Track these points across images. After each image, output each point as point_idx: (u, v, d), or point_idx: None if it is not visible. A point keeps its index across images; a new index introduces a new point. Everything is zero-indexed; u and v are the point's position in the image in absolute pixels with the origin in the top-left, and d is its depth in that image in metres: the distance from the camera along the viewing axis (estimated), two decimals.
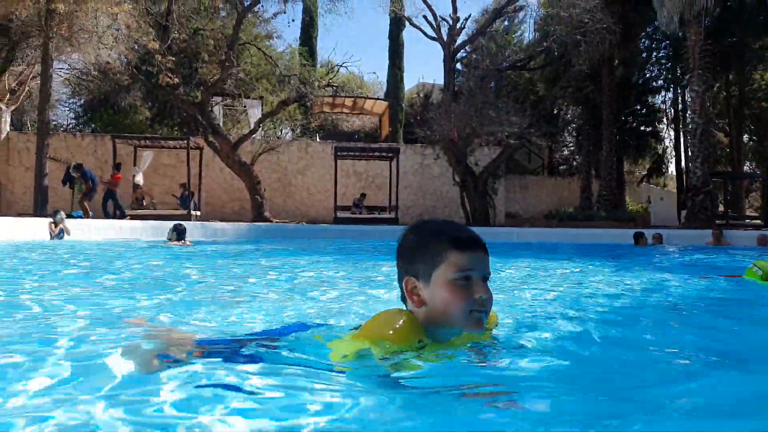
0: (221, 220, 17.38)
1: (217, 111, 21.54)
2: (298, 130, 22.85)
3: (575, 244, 12.65)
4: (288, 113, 21.62)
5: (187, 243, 9.24)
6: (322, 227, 16.29)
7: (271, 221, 17.53)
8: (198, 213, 17.32)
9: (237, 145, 18.15)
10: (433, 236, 1.60)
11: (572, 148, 32.96)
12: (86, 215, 14.45)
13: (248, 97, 20.26)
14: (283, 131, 22.87)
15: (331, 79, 21.17)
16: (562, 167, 33.13)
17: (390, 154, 20.19)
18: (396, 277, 1.69)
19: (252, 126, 19.46)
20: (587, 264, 6.68)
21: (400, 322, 1.51)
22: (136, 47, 16.73)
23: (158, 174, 20.79)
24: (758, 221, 20.59)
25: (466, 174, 19.12)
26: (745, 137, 30.12)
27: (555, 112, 28.79)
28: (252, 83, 19.12)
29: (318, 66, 25.71)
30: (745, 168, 30.11)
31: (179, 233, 9.32)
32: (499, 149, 20.13)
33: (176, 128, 24.81)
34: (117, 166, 16.68)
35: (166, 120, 24.57)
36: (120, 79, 17.64)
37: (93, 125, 25.76)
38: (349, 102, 27.00)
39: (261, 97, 20.50)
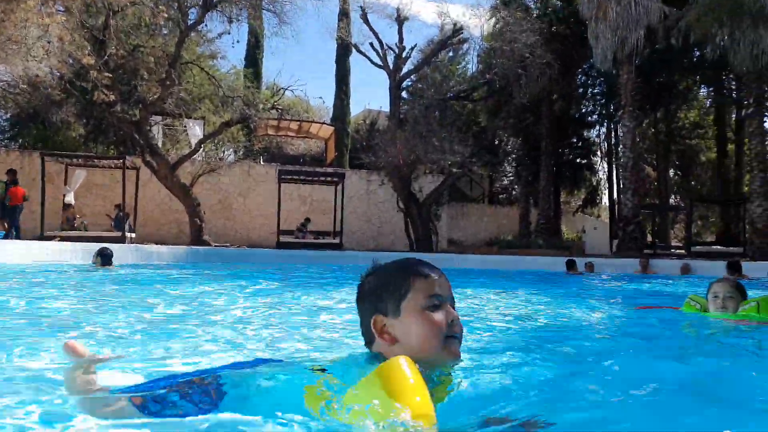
0: (158, 243, 16.72)
1: (157, 130, 20.88)
2: (241, 152, 22.46)
3: (515, 271, 12.90)
4: (231, 134, 21.22)
5: (113, 267, 8.75)
6: (264, 252, 15.93)
7: (210, 244, 17.01)
8: (133, 235, 16.59)
9: (176, 166, 17.61)
10: (395, 270, 1.58)
11: (512, 178, 33.94)
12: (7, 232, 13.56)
13: (189, 117, 19.77)
14: (226, 153, 22.41)
15: (276, 101, 20.95)
16: (501, 196, 34.01)
17: (335, 179, 20.11)
18: (358, 323, 1.60)
19: (193, 146, 18.96)
20: (526, 290, 6.78)
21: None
22: (70, 61, 16.04)
23: (91, 194, 19.87)
24: (682, 251, 21.70)
25: (411, 200, 19.29)
26: (671, 172, 31.95)
27: (496, 142, 29.63)
28: (194, 103, 18.68)
29: (263, 88, 25.49)
30: (671, 201, 31.86)
31: (104, 258, 8.76)
32: (442, 177, 20.46)
33: (112, 147, 23.86)
34: (13, 180, 14.59)
35: (101, 138, 23.62)
36: (51, 93, 16.83)
37: (21, 140, 24.44)
38: (294, 125, 26.84)
39: (203, 118, 20.04)
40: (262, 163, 24.17)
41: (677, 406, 1.49)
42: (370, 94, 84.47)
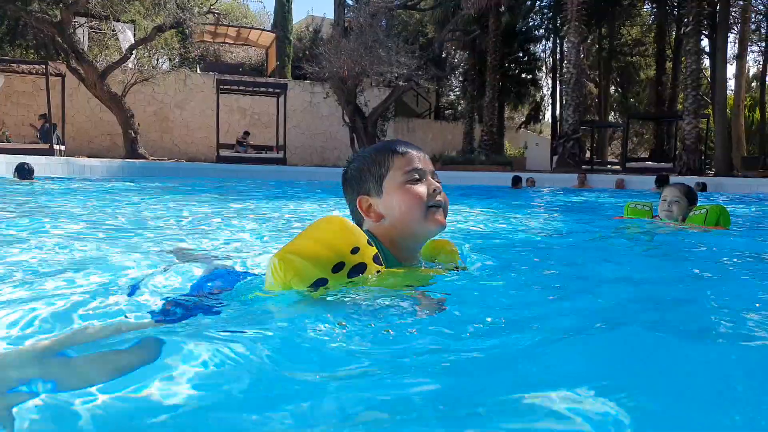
0: (90, 156, 15.92)
1: (82, 34, 19.27)
2: (176, 60, 21.11)
3: (459, 186, 13.13)
4: (164, 41, 19.85)
5: (35, 182, 8.30)
6: (203, 166, 15.50)
7: (146, 158, 16.34)
8: (62, 147, 15.66)
9: (105, 74, 16.47)
10: (374, 152, 1.63)
11: (458, 93, 33.74)
12: None
13: (118, 20, 18.28)
14: (159, 60, 21.01)
15: (212, 5, 19.58)
16: (448, 111, 33.88)
17: (277, 90, 19.38)
18: (347, 209, 1.69)
19: (123, 52, 17.66)
20: (472, 206, 6.94)
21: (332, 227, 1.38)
22: None
23: (12, 102, 18.47)
24: (618, 167, 22.59)
25: (356, 114, 18.94)
26: (612, 89, 32.55)
27: (443, 56, 29.09)
28: (122, 4, 17.20)
29: None
30: (611, 118, 32.70)
31: (23, 172, 8.25)
32: (388, 90, 20.07)
33: (32, 51, 21.95)
34: None
35: (19, 40, 21.64)
36: None
37: None
38: (232, 31, 25.36)
39: (133, 21, 18.57)
40: (198, 72, 22.91)
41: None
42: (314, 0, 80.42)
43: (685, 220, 3.56)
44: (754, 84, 31.87)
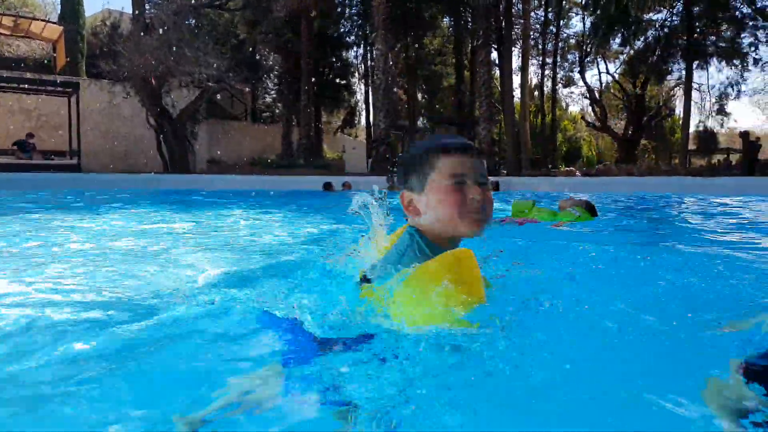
0: None
1: None
2: None
3: (279, 191, 12.98)
4: None
5: None
6: None
7: None
8: None
9: None
10: (423, 147, 1.63)
11: (274, 96, 33.42)
12: None
13: None
14: None
15: None
16: (265, 114, 33.37)
17: (68, 90, 17.37)
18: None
19: None
20: (292, 209, 6.87)
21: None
22: None
23: None
24: None
25: (163, 117, 17.72)
26: (420, 95, 34.86)
27: (257, 58, 28.58)
28: None
29: None
30: (419, 123, 34.99)
31: None
32: (198, 92, 19.11)
33: None
34: None
35: None
36: None
37: None
38: (8, 21, 22.04)
39: None
40: None
41: None
42: None
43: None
44: (536, 93, 36.47)
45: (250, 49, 23.64)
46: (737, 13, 25.92)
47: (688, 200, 9.78)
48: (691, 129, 28.23)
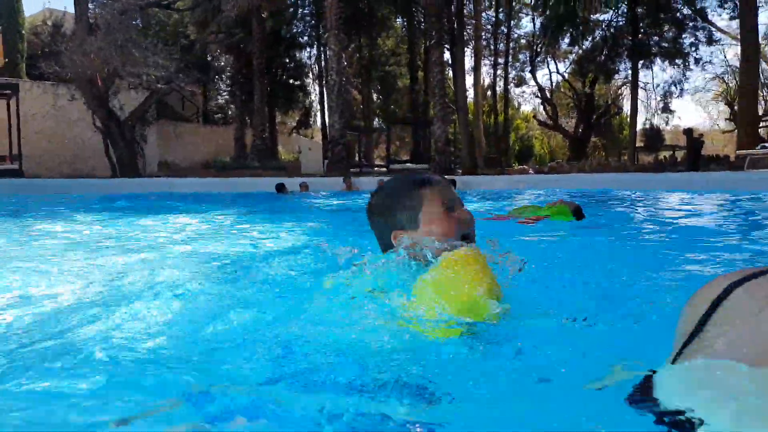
0: None
1: None
2: None
3: (233, 194, 12.73)
4: None
5: None
6: None
7: None
8: None
9: None
10: (402, 187, 1.67)
11: (227, 97, 32.87)
12: None
13: None
14: None
15: None
16: (218, 115, 32.78)
17: (7, 91, 16.60)
18: (376, 242, 1.71)
19: None
20: (246, 213, 6.74)
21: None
22: None
23: None
24: (384, 168, 24.28)
25: (110, 119, 17.14)
26: (375, 96, 34.89)
27: (208, 58, 28.03)
28: None
29: None
30: (375, 123, 35.03)
31: None
32: (147, 93, 18.58)
33: None
34: None
35: None
36: None
37: None
38: None
39: None
40: None
41: None
42: None
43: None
44: (489, 93, 37.04)
45: (201, 49, 23.13)
46: (678, 14, 27.00)
47: (637, 195, 10.09)
48: (638, 126, 29.29)
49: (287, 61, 29.63)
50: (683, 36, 27.62)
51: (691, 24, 27.20)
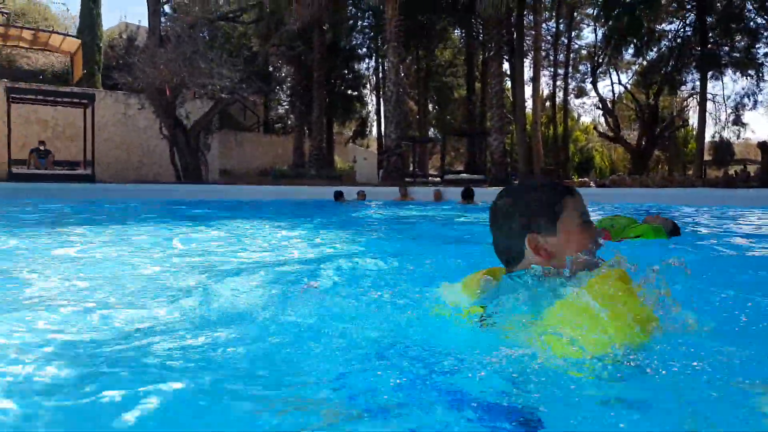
0: None
1: None
2: None
3: (290, 201, 13.02)
4: None
5: None
6: None
7: None
8: None
9: None
10: (543, 190, 1.62)
11: (287, 107, 33.67)
12: None
13: None
14: None
15: (2, 4, 17.21)
16: (278, 125, 33.62)
17: (84, 101, 17.60)
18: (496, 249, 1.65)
19: None
20: (297, 221, 6.86)
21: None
22: None
23: None
24: (438, 179, 24.24)
25: (176, 127, 17.89)
26: (431, 106, 34.94)
27: (270, 69, 28.85)
28: None
29: None
30: (430, 133, 35.06)
31: None
32: (211, 103, 19.30)
33: None
34: None
35: None
36: None
37: None
38: (27, 35, 22.49)
39: None
40: None
41: None
42: (126, 5, 75.44)
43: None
44: (548, 104, 36.41)
45: (263, 61, 23.84)
46: (751, 23, 25.77)
47: (711, 212, 9.61)
48: (706, 140, 28.03)
49: (345, 72, 30.11)
50: (756, 46, 26.33)
51: (765, 33, 25.90)
